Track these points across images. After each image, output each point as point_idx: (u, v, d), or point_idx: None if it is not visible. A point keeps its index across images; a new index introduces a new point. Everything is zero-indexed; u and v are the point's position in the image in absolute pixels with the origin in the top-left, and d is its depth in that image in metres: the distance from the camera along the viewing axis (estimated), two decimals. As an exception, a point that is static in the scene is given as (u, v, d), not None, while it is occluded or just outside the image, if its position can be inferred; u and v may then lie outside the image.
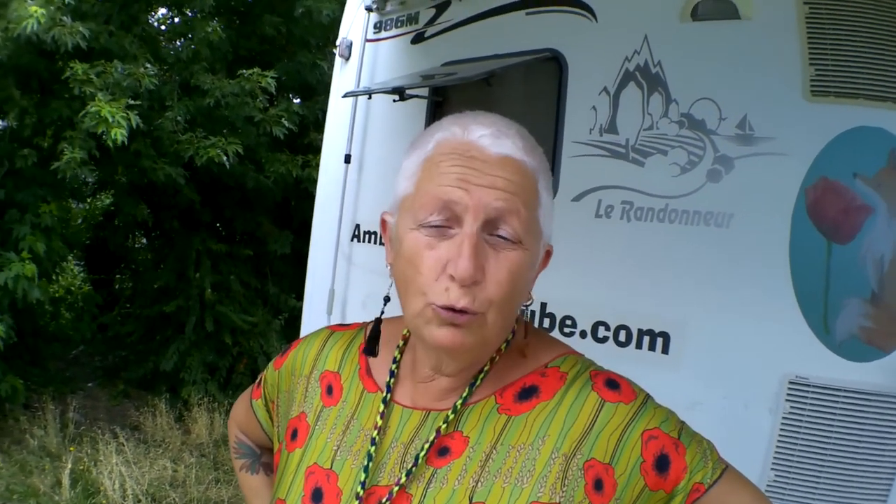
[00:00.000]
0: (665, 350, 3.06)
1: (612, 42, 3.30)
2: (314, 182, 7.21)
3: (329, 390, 1.41)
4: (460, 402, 1.28)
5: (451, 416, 1.27)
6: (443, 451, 1.25)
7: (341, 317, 4.53)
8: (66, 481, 5.87)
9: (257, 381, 1.63)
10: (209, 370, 8.09)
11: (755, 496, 1.30)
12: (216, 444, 7.14)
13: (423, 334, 1.22)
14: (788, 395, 2.74)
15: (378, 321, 1.39)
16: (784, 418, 2.75)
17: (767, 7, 2.87)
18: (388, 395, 1.34)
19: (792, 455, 2.72)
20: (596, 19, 3.37)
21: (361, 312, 4.34)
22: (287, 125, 7.42)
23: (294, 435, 1.40)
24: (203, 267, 8.24)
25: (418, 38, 4.18)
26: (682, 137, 3.05)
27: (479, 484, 1.21)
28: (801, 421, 2.72)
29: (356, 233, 4.53)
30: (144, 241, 10.06)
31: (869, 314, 2.63)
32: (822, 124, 2.72)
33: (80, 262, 10.45)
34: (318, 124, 7.96)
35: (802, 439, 2.71)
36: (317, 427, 1.37)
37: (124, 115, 6.22)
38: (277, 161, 7.89)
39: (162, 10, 8.71)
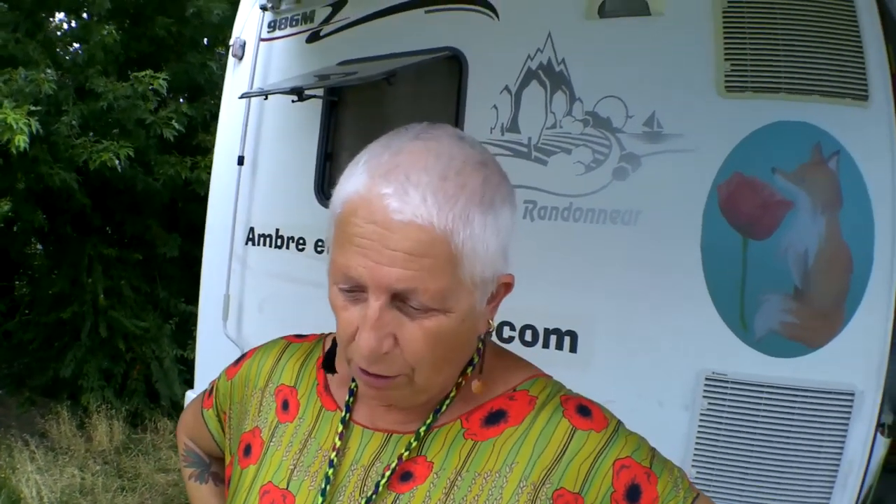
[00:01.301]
0: (573, 349, 2.96)
1: (515, 40, 3.15)
2: (202, 183, 6.92)
3: (285, 405, 1.28)
4: (424, 428, 1.15)
5: (414, 444, 1.14)
6: (405, 477, 1.14)
7: (237, 322, 4.26)
8: None
9: (208, 389, 1.49)
10: (105, 377, 7.71)
11: None
12: (117, 452, 6.85)
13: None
14: (706, 391, 2.66)
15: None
16: (702, 414, 2.66)
17: (681, 3, 2.76)
18: (348, 416, 1.21)
19: (714, 451, 2.64)
20: (498, 17, 3.22)
21: (258, 317, 4.15)
22: (177, 127, 7.09)
23: (247, 451, 1.27)
24: (95, 272, 7.83)
25: (314, 37, 3.94)
26: (587, 136, 2.93)
27: None
28: (721, 417, 2.64)
29: (251, 236, 4.26)
30: (40, 247, 9.53)
31: (792, 310, 2.54)
32: (737, 120, 2.63)
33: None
34: (207, 125, 7.76)
35: (724, 435, 2.63)
36: (272, 444, 1.25)
37: (26, 121, 5.90)
38: (167, 163, 7.52)
39: (59, 16, 8.27)
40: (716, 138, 2.64)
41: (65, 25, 8.32)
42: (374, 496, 1.11)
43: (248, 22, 4.34)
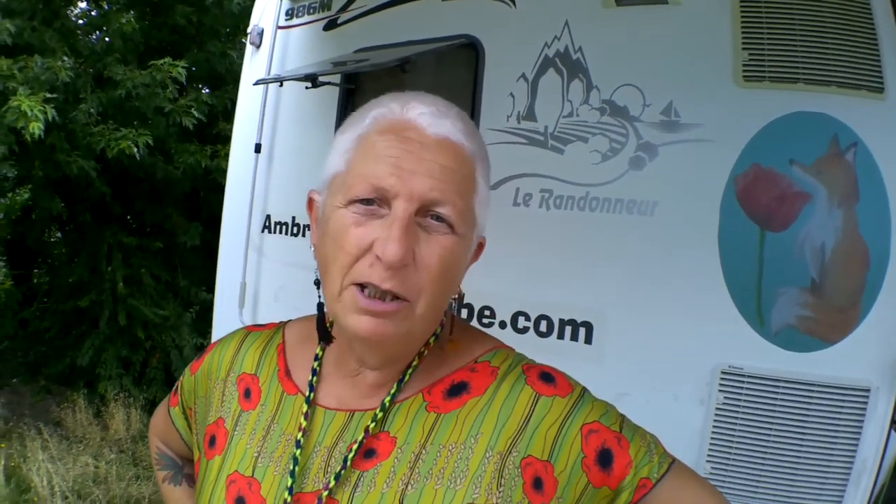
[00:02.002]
0: (588, 340, 2.92)
1: (532, 28, 3.12)
2: (223, 172, 6.92)
3: (247, 394, 1.28)
4: (388, 399, 1.16)
5: (380, 415, 1.15)
6: (369, 453, 1.14)
7: (253, 310, 4.27)
8: (0, 478, 5.62)
9: (174, 388, 1.49)
10: (123, 365, 7.73)
11: (706, 490, 1.20)
12: (134, 440, 6.86)
13: (343, 322, 1.10)
14: (721, 385, 2.63)
15: (320, 306, 1.24)
16: (718, 409, 2.63)
17: (701, -8, 2.73)
18: (312, 395, 1.22)
19: (729, 446, 2.61)
20: (514, 5, 3.18)
21: (274, 305, 4.16)
22: (197, 115, 7.10)
23: (212, 442, 1.27)
24: (115, 260, 7.84)
25: (331, 25, 3.92)
26: (604, 124, 2.90)
27: (410, 486, 1.10)
28: (736, 411, 2.60)
29: (267, 224, 4.25)
30: (59, 234, 9.56)
31: (808, 304, 2.50)
32: (755, 110, 2.59)
33: (2, 257, 9.91)
34: (228, 114, 7.73)
35: (740, 430, 2.60)
36: (236, 433, 1.25)
37: (41, 108, 5.91)
38: (186, 152, 7.53)
39: (82, 5, 8.33)
40: (734, 128, 2.61)
41: (88, 14, 8.33)
42: (342, 471, 1.12)
43: (266, 10, 4.33)
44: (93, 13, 8.31)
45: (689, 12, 2.74)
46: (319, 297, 1.22)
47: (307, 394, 1.21)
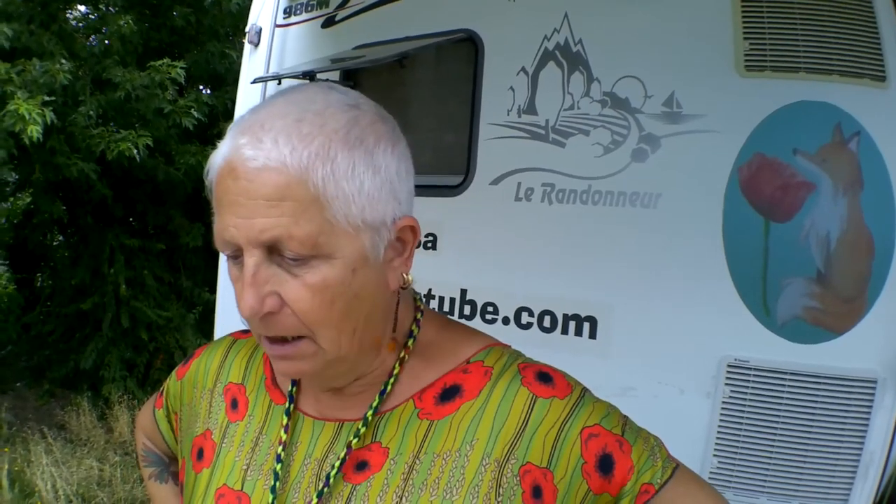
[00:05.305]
0: (592, 335, 2.89)
1: (531, 21, 3.09)
2: (224, 173, 6.89)
3: (234, 404, 1.24)
4: (371, 412, 1.10)
5: (363, 430, 1.09)
6: (361, 466, 1.08)
7: (255, 310, 4.19)
8: (4, 482, 5.64)
9: (161, 389, 1.46)
10: (127, 367, 7.76)
11: (710, 496, 1.14)
12: (138, 443, 6.81)
13: (273, 366, 1.13)
14: (728, 378, 2.60)
15: None
16: (724, 402, 2.60)
17: (699, -19, 2.71)
18: (291, 406, 1.17)
19: (736, 440, 2.58)
20: (513, -2, 3.15)
21: None
22: (197, 116, 7.11)
23: (200, 455, 1.24)
24: (117, 263, 7.86)
25: (329, 22, 3.89)
26: (605, 117, 2.88)
27: (404, 499, 1.04)
28: (743, 405, 2.58)
29: (265, 223, 4.17)
30: (61, 238, 9.55)
31: (815, 294, 2.47)
32: (758, 100, 2.57)
33: (4, 261, 9.91)
34: (228, 114, 7.76)
35: (747, 424, 2.57)
36: (224, 445, 1.21)
37: (39, 111, 5.91)
38: (187, 153, 7.56)
39: (81, 8, 8.33)
40: (736, 118, 2.58)
41: (87, 17, 8.34)
42: (325, 489, 1.07)
43: (264, 8, 4.30)
44: (91, 16, 8.31)
45: (689, 2, 2.72)
46: None
47: (287, 404, 1.17)
